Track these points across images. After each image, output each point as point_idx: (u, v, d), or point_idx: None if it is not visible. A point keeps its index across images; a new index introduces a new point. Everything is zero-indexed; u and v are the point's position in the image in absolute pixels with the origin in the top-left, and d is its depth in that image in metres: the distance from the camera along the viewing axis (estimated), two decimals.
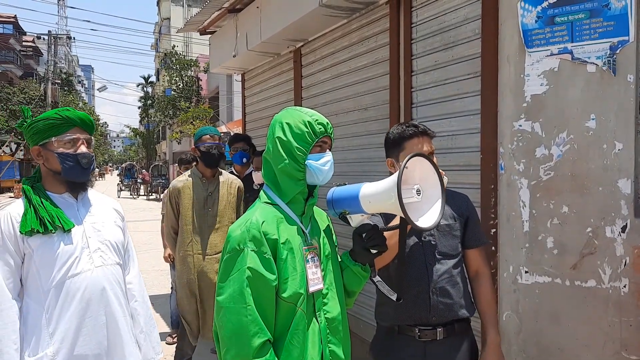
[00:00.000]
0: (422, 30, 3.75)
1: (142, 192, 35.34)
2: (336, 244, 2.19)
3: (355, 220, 2.06)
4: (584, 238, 2.88)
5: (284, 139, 1.97)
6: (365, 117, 4.45)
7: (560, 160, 2.93)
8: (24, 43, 56.12)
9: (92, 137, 2.37)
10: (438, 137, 3.14)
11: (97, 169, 38.35)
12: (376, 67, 4.28)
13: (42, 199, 2.24)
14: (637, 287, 2.75)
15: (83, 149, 2.29)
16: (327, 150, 2.05)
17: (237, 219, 3.91)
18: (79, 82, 74.12)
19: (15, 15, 54.29)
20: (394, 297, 2.13)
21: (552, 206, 2.95)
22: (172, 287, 5.79)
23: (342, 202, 2.05)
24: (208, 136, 3.81)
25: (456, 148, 3.47)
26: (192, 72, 31.02)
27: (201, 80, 31.19)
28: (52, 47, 34.49)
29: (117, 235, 2.43)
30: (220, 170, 3.94)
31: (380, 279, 2.18)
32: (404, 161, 1.84)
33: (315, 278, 1.98)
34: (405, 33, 3.87)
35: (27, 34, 58.61)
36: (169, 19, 44.01)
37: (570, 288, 2.93)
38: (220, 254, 3.69)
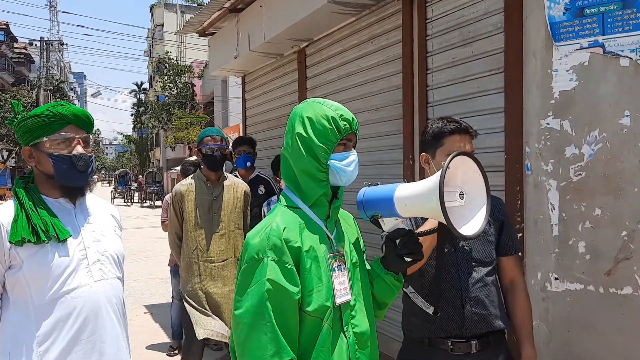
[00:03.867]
0: (438, 26, 3.59)
1: (136, 199, 35.04)
2: (364, 250, 2.00)
3: (388, 224, 1.88)
4: (618, 242, 2.71)
5: (305, 135, 1.78)
6: (375, 118, 4.28)
7: (592, 159, 2.76)
8: (15, 50, 55.75)
9: (90, 136, 2.11)
10: None
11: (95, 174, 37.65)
12: (388, 65, 4.11)
13: (36, 204, 1.98)
14: None
15: (79, 149, 2.01)
16: (352, 148, 1.87)
17: (244, 224, 3.75)
18: (71, 89, 73.72)
19: (7, 22, 53.93)
20: (430, 310, 1.94)
21: (584, 209, 2.78)
22: (172, 297, 5.58)
23: (374, 204, 1.86)
24: (210, 138, 3.61)
25: (477, 148, 3.26)
26: (186, 78, 30.80)
27: (195, 86, 30.98)
28: (45, 53, 34.18)
29: (118, 246, 2.18)
30: (225, 173, 3.75)
31: (414, 290, 2.00)
32: (447, 160, 1.66)
33: (343, 289, 1.79)
34: (420, 29, 3.71)
35: (19, 40, 58.26)
36: (162, 25, 43.83)
37: (604, 296, 2.76)
38: (227, 260, 3.57)
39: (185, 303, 3.59)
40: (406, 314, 2.31)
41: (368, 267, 1.97)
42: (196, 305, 3.54)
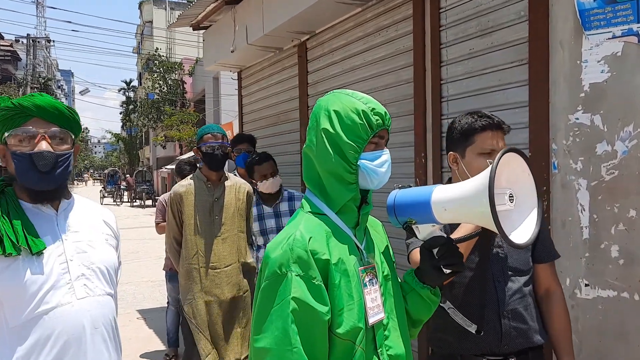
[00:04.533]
0: (453, 16, 3.38)
1: (125, 198, 34.65)
2: (394, 261, 1.78)
3: (424, 231, 1.66)
4: None
5: (332, 131, 1.56)
6: None
7: (626, 157, 2.56)
8: (1, 47, 54.93)
9: (67, 131, 1.80)
10: None
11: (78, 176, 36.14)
12: (397, 58, 3.89)
13: (10, 210, 1.71)
14: None
15: (42, 146, 1.72)
16: (384, 147, 1.65)
17: (247, 227, 3.52)
18: (59, 87, 72.87)
19: None
20: (472, 328, 1.74)
21: (617, 210, 2.58)
22: (168, 302, 5.34)
23: (407, 209, 1.65)
24: (210, 135, 3.38)
25: None
26: (177, 76, 30.41)
27: (186, 83, 30.60)
28: (31, 50, 33.65)
29: (109, 258, 1.88)
30: (226, 173, 3.52)
31: (452, 306, 1.79)
32: (497, 158, 1.45)
33: (375, 306, 1.58)
34: (433, 19, 3.49)
35: (5, 37, 57.41)
36: (151, 22, 43.33)
37: (639, 303, 2.56)
38: (231, 266, 3.34)
39: (185, 314, 3.35)
40: (436, 329, 2.10)
41: (400, 279, 1.76)
42: (198, 326, 3.30)
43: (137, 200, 31.65)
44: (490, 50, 3.13)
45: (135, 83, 52.06)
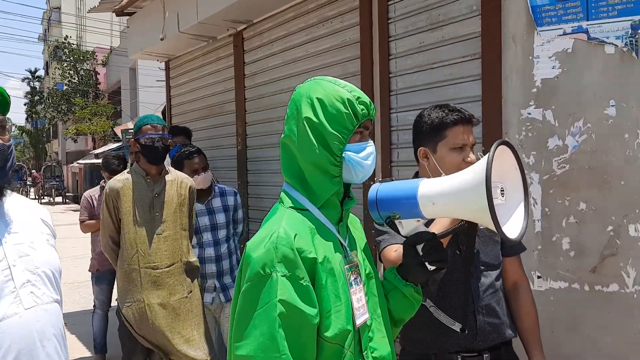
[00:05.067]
0: (402, 9, 3.35)
1: (32, 195, 32.61)
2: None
3: (407, 227, 1.59)
4: (604, 238, 2.60)
5: (315, 120, 1.46)
6: None
7: (577, 151, 2.63)
8: None
9: (6, 119, 1.61)
10: None
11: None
12: (343, 50, 3.82)
13: None
14: None
15: None
16: (369, 138, 1.57)
17: (189, 225, 3.32)
18: None
19: None
20: (456, 327, 1.69)
21: (568, 203, 2.65)
22: (94, 305, 5.00)
23: (391, 204, 1.56)
24: (150, 126, 3.15)
25: None
26: (89, 65, 28.83)
27: (99, 74, 29.09)
28: None
29: (53, 260, 1.69)
30: (167, 167, 3.30)
31: (433, 304, 1.73)
32: (492, 150, 1.40)
33: (361, 306, 1.50)
34: (381, 12, 3.45)
35: None
36: (59, 8, 40.85)
37: (589, 293, 2.64)
38: (173, 266, 3.13)
39: (124, 319, 3.12)
40: (410, 328, 2.03)
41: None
42: (139, 331, 3.08)
43: (46, 197, 29.87)
44: (441, 44, 3.12)
45: (41, 72, 49.06)
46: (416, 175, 2.15)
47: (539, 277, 2.76)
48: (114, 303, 5.09)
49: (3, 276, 1.51)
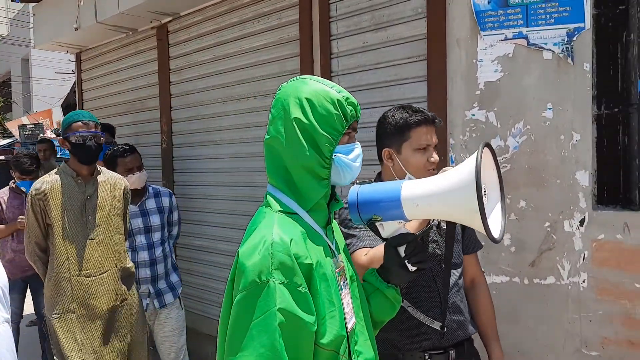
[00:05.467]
0: (344, 8, 3.35)
1: None
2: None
3: (389, 229, 1.59)
4: (542, 234, 2.76)
5: (305, 122, 1.42)
6: (266, 104, 3.90)
7: (517, 152, 2.77)
8: None
9: None
10: (371, 128, 2.77)
11: None
12: (281, 48, 3.76)
13: None
14: (596, 281, 2.69)
15: None
16: (356, 139, 1.56)
17: (124, 228, 3.13)
18: None
19: None
20: (436, 325, 1.71)
21: (509, 201, 2.78)
22: None
23: (372, 206, 1.56)
24: (81, 123, 2.92)
25: None
26: None
27: None
28: None
29: (2, 276, 1.58)
30: (99, 167, 3.08)
31: (410, 304, 1.75)
32: (479, 151, 1.43)
33: (349, 310, 1.49)
34: (322, 10, 3.43)
35: None
36: None
37: (529, 287, 2.79)
38: (107, 273, 2.92)
39: (53, 330, 2.87)
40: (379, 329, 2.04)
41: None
42: (69, 344, 2.85)
43: None
44: (385, 44, 3.15)
45: None
46: (379, 176, 2.16)
47: (482, 272, 2.87)
48: (26, 312, 4.71)
49: None
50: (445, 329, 1.79)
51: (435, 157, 1.98)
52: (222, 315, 1.40)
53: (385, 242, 1.59)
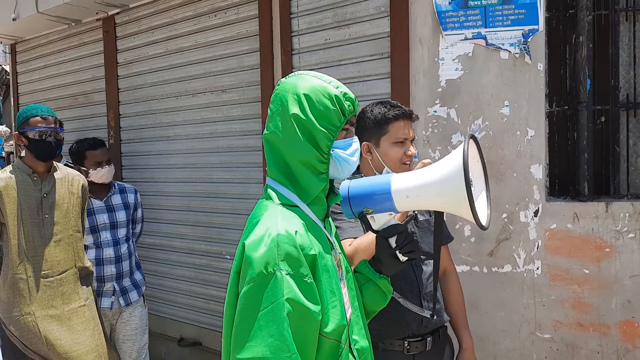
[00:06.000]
0: (306, 5, 3.38)
1: None
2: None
3: (380, 221, 1.65)
4: (499, 224, 2.91)
5: (303, 118, 1.46)
6: (223, 100, 3.87)
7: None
8: None
9: None
10: None
11: None
12: (239, 43, 3.74)
13: None
14: (549, 268, 2.87)
15: None
16: (353, 134, 1.60)
17: (82, 226, 3.02)
18: None
19: None
20: (426, 314, 1.79)
21: None
22: None
23: (364, 199, 1.62)
24: (39, 118, 2.79)
25: None
26: None
27: None
28: None
29: None
30: (55, 164, 2.96)
31: (400, 295, 1.82)
32: (466, 142, 1.51)
33: (347, 300, 1.54)
34: (282, 6, 3.44)
35: None
36: None
37: (487, 275, 2.94)
38: (67, 273, 2.82)
39: (10, 335, 2.75)
40: None
41: None
42: (30, 348, 2.74)
43: None
44: (348, 42, 3.21)
45: None
46: (357, 170, 2.21)
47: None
48: None
49: None
50: (435, 317, 1.86)
51: (412, 150, 2.06)
52: (226, 308, 1.40)
53: (376, 234, 1.65)
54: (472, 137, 1.62)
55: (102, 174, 3.30)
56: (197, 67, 4.00)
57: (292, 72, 3.41)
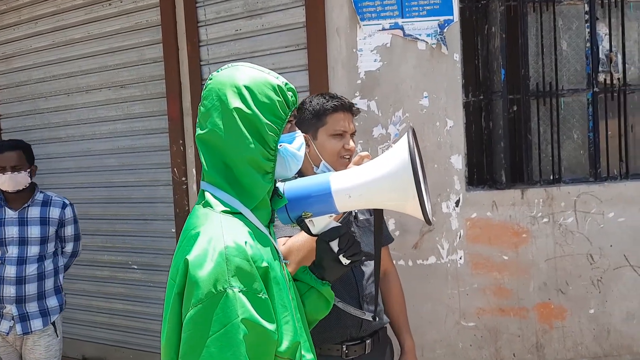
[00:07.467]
0: None
1: None
2: None
3: (319, 224, 1.50)
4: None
5: (247, 111, 1.29)
6: (122, 96, 3.56)
7: (397, 139, 2.85)
8: None
9: None
10: None
11: None
12: (139, 34, 3.45)
13: None
14: (471, 257, 2.91)
15: None
16: (296, 127, 1.47)
17: None
18: None
19: None
20: (368, 316, 1.70)
21: None
22: None
23: (301, 203, 1.45)
24: None
25: None
26: None
27: None
28: None
29: None
30: None
31: (340, 299, 1.71)
32: (409, 134, 1.41)
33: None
34: None
35: None
36: None
37: (413, 268, 2.92)
38: None
39: None
40: None
41: None
42: None
43: None
44: (261, 32, 3.05)
45: None
46: None
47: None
48: None
49: None
50: (378, 319, 1.77)
51: (351, 144, 1.96)
52: (166, 337, 1.20)
53: (316, 238, 1.51)
54: (412, 130, 1.53)
55: (3, 181, 2.84)
56: (91, 60, 3.64)
57: (200, 65, 3.22)
